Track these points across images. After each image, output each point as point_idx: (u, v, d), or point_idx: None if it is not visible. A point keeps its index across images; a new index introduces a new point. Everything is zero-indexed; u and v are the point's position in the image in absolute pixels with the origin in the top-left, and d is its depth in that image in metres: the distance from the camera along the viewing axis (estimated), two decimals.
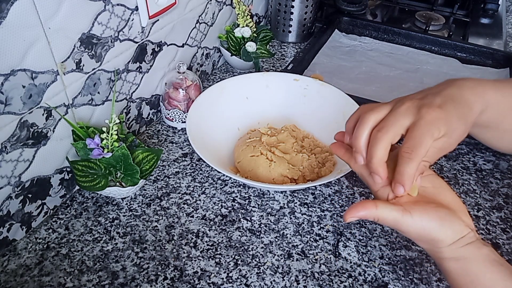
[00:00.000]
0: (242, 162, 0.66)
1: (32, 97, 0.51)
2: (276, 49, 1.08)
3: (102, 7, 0.57)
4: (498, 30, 1.21)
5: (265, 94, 0.77)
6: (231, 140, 0.73)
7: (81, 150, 0.58)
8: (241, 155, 0.67)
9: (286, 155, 0.66)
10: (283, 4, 1.04)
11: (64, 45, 0.53)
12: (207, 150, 0.63)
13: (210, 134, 0.68)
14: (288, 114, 0.77)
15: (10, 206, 0.54)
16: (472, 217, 0.65)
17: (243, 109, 0.75)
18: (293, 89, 0.77)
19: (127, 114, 0.71)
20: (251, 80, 0.76)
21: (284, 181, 0.64)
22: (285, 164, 0.65)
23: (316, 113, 0.75)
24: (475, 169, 0.74)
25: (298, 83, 0.76)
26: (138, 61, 0.69)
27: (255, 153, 0.66)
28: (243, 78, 0.76)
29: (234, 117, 0.74)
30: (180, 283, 0.54)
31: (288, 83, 0.77)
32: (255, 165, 0.65)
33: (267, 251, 0.58)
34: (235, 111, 0.74)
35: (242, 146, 0.68)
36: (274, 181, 0.64)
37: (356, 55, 1.04)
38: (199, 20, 0.83)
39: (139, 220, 0.61)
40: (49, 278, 0.53)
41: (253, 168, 0.65)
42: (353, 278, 0.55)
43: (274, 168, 0.64)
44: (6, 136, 0.50)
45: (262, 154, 0.65)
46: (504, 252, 0.60)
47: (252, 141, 0.68)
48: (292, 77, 0.77)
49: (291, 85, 0.77)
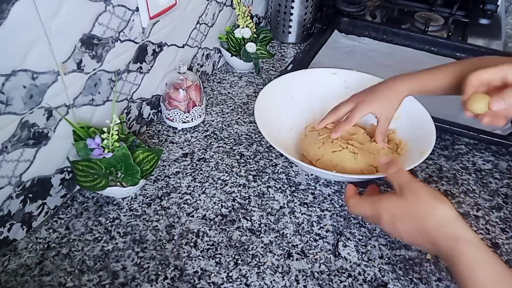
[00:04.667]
0: (324, 159, 0.66)
1: (33, 97, 0.51)
2: (276, 49, 1.08)
3: (102, 7, 0.57)
4: (497, 31, 1.21)
5: (308, 91, 0.78)
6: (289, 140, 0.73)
7: (81, 150, 0.58)
8: (319, 152, 0.66)
9: (363, 145, 0.67)
10: (283, 5, 1.05)
11: (65, 45, 0.54)
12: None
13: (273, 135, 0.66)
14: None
15: (11, 206, 0.54)
16: (472, 217, 0.65)
17: (291, 108, 0.76)
18: (333, 83, 0.78)
19: (127, 114, 0.72)
20: (293, 78, 0.78)
21: (371, 171, 0.65)
22: (367, 154, 0.66)
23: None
24: (475, 169, 0.74)
25: (336, 76, 0.79)
26: (138, 62, 0.69)
27: (336, 148, 0.66)
28: (286, 78, 0.77)
29: (284, 118, 0.74)
30: (180, 283, 0.54)
31: (327, 78, 0.79)
32: (340, 159, 0.65)
33: (267, 251, 0.58)
34: (284, 112, 0.75)
35: (317, 143, 0.68)
36: (363, 172, 0.64)
37: (356, 56, 1.04)
38: (199, 20, 0.83)
39: (140, 220, 0.62)
40: (50, 278, 0.53)
41: (338, 162, 0.65)
42: (352, 278, 0.55)
43: (360, 159, 0.65)
44: (7, 136, 0.50)
45: (343, 148, 0.66)
46: (503, 252, 0.60)
47: (325, 137, 0.68)
48: (330, 72, 0.79)
49: (331, 79, 0.79)
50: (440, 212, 0.45)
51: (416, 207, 0.47)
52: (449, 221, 0.45)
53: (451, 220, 0.45)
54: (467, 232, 0.44)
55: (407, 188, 0.48)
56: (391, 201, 0.49)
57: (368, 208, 0.52)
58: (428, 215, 0.46)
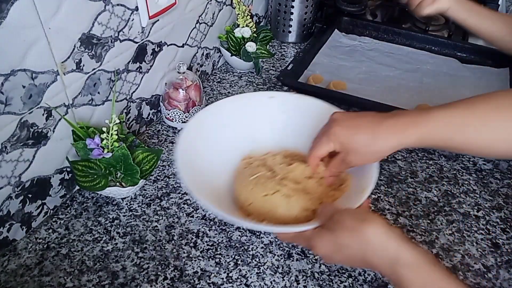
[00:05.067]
0: (255, 204, 0.57)
1: (32, 97, 0.51)
2: (276, 49, 1.08)
3: (102, 7, 0.57)
4: None
5: (242, 118, 0.68)
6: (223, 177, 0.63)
7: (81, 150, 0.58)
8: (251, 196, 0.58)
9: (299, 184, 0.59)
10: (283, 4, 1.04)
11: (64, 45, 0.54)
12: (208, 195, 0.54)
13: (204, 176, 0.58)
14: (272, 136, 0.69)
15: (10, 206, 0.54)
16: (472, 217, 0.65)
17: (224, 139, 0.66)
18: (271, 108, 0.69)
19: (127, 114, 0.71)
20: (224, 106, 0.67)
21: (307, 216, 0.56)
22: (303, 195, 0.57)
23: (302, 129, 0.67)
24: (475, 169, 0.74)
25: (275, 100, 0.69)
26: (138, 61, 0.69)
27: (268, 192, 0.57)
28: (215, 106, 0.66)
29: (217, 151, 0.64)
30: (180, 283, 0.54)
31: (264, 102, 0.68)
32: (272, 205, 0.56)
33: (267, 251, 0.58)
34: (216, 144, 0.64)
35: (249, 185, 0.59)
36: (297, 218, 0.56)
37: (356, 55, 1.04)
38: (199, 20, 0.83)
39: (139, 220, 0.61)
40: (49, 278, 0.53)
41: (271, 209, 0.56)
42: (353, 278, 0.55)
43: (294, 204, 0.56)
44: (6, 136, 0.50)
45: (276, 191, 0.57)
46: (504, 252, 0.60)
47: (257, 177, 0.60)
48: (267, 95, 0.69)
49: (268, 104, 0.69)
50: (370, 235, 0.42)
51: (347, 237, 0.44)
52: (381, 243, 0.42)
53: (383, 241, 0.42)
54: (404, 253, 0.41)
55: (331, 221, 0.46)
56: (321, 237, 0.46)
57: (302, 243, 0.50)
58: (360, 242, 0.43)
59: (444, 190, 0.69)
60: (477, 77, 0.97)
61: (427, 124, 0.48)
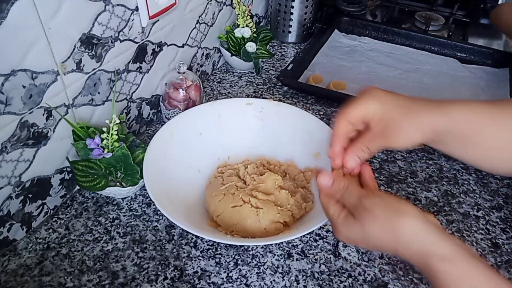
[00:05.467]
0: (224, 215, 0.57)
1: (33, 97, 0.51)
2: (276, 49, 1.08)
3: (102, 7, 0.57)
4: (497, 30, 1.21)
5: (219, 125, 0.67)
6: (196, 187, 0.63)
7: (81, 150, 0.58)
8: (219, 207, 0.57)
9: (270, 196, 0.58)
10: (283, 4, 1.04)
11: (64, 45, 0.54)
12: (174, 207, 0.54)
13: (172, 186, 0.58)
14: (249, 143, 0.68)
15: (11, 206, 0.54)
16: (472, 217, 0.65)
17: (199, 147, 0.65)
18: (248, 115, 0.68)
19: (127, 114, 0.72)
20: (200, 113, 0.66)
21: (277, 228, 0.56)
22: (273, 207, 0.57)
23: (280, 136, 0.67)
24: (475, 169, 0.74)
25: (252, 107, 0.68)
26: (138, 61, 0.69)
27: (237, 203, 0.57)
28: (191, 113, 0.66)
29: (191, 159, 0.64)
30: (180, 283, 0.54)
31: (241, 109, 0.68)
32: (241, 216, 0.56)
33: (267, 251, 0.58)
34: (191, 151, 0.64)
35: (218, 196, 0.59)
36: (266, 230, 0.56)
37: (356, 55, 1.04)
38: (199, 20, 0.83)
39: (139, 220, 0.61)
40: (49, 278, 0.53)
41: (239, 221, 0.56)
42: (353, 278, 0.55)
43: (263, 216, 0.56)
44: (7, 136, 0.50)
45: (245, 202, 0.57)
46: (504, 252, 0.60)
47: (227, 187, 0.59)
48: (244, 102, 0.68)
49: (245, 111, 0.68)
50: (403, 230, 0.39)
51: (377, 230, 0.40)
52: (416, 236, 0.38)
53: (419, 234, 0.38)
54: (440, 246, 0.38)
55: (360, 207, 0.41)
56: (347, 226, 0.42)
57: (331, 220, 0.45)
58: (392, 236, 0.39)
59: (444, 190, 0.69)
60: (477, 77, 0.97)
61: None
